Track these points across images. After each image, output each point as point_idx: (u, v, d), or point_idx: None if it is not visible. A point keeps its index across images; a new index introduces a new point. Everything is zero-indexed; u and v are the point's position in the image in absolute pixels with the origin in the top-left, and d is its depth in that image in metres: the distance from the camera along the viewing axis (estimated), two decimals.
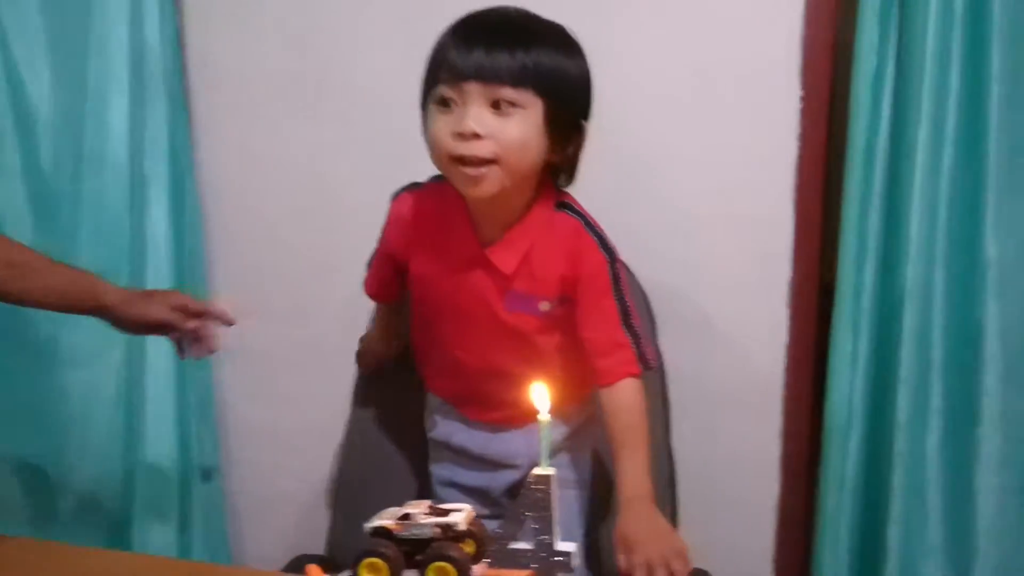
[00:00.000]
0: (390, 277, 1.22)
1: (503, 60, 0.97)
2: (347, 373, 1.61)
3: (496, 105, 0.98)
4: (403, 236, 1.16)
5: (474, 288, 1.10)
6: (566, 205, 1.11)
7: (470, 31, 1.00)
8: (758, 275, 1.44)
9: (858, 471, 1.40)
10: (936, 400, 1.34)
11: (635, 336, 1.11)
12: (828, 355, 1.39)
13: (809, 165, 1.41)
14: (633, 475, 1.05)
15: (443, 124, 1.00)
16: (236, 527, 1.73)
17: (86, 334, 1.59)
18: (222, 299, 1.47)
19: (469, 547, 0.72)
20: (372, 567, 0.69)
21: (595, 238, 1.10)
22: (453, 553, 0.68)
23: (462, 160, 0.99)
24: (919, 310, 1.31)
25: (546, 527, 0.67)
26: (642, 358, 1.11)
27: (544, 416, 0.68)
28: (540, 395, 0.70)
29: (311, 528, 1.67)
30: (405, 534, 0.71)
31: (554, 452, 1.15)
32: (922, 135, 1.27)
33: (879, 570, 1.38)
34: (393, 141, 1.49)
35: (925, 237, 1.30)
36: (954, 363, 1.34)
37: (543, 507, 0.67)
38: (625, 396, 1.09)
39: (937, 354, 1.33)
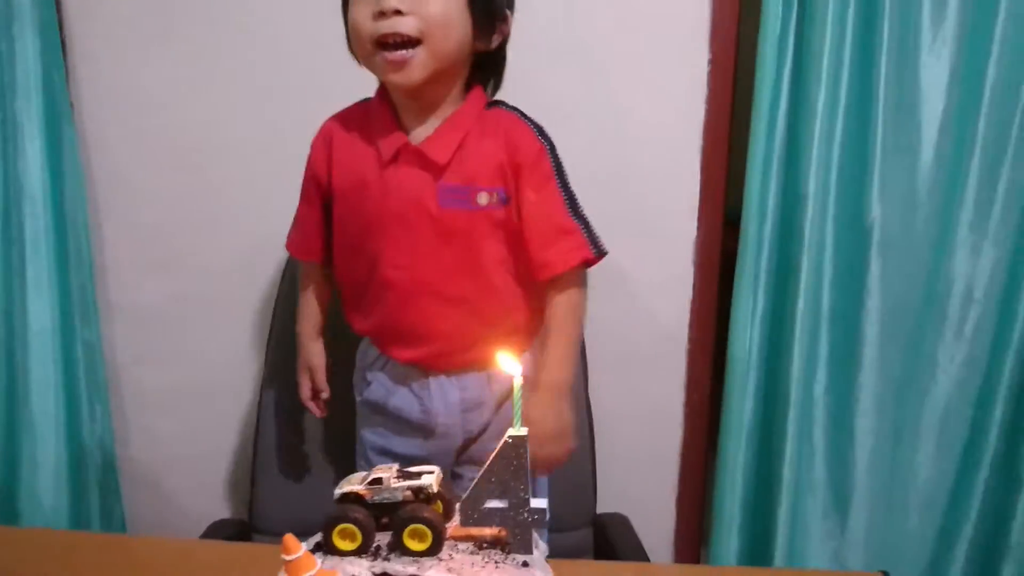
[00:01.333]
0: (316, 222, 1.16)
1: None
2: (243, 330, 1.57)
3: None
4: (323, 155, 1.12)
5: (404, 186, 1.05)
6: (500, 102, 1.11)
7: None
8: (666, 234, 1.50)
9: (754, 417, 1.51)
10: (824, 350, 1.46)
11: (584, 222, 1.08)
12: (730, 311, 1.48)
13: (714, 128, 1.47)
14: (555, 362, 1.05)
15: (363, 6, 0.98)
16: (132, 495, 1.65)
17: None
18: None
19: (437, 508, 0.73)
20: (344, 532, 0.69)
21: (532, 127, 1.08)
22: (427, 515, 0.69)
23: (385, 43, 0.97)
24: (813, 268, 1.41)
25: (521, 486, 0.68)
26: (595, 242, 1.07)
27: (518, 380, 0.69)
28: (507, 360, 0.70)
29: (213, 494, 1.64)
30: (376, 499, 0.70)
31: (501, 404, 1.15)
32: (820, 103, 1.36)
33: (771, 505, 1.49)
34: (284, 80, 1.46)
35: (819, 199, 1.40)
36: (840, 317, 1.45)
37: (518, 467, 0.68)
38: (569, 285, 1.07)
39: (826, 308, 1.45)
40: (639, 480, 1.55)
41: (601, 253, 1.08)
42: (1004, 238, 1.42)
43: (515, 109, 1.10)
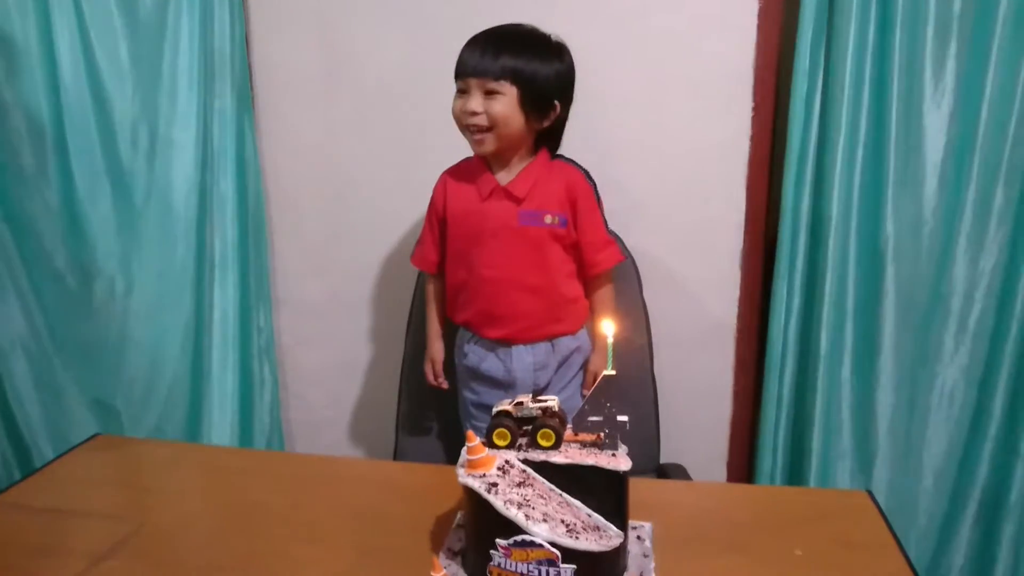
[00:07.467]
0: (433, 243, 1.58)
1: (488, 63, 1.41)
2: (381, 320, 1.98)
3: (488, 92, 1.42)
4: (441, 193, 1.57)
5: (497, 213, 1.49)
6: (561, 156, 1.58)
7: (473, 44, 1.44)
8: (719, 244, 1.85)
9: (790, 394, 1.83)
10: (848, 339, 1.77)
11: (614, 237, 1.59)
12: (769, 306, 1.81)
13: (757, 160, 1.81)
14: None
15: (460, 104, 1.46)
16: (290, 451, 2.07)
17: (156, 286, 1.91)
18: None
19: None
20: (500, 434, 1.06)
21: (583, 173, 1.56)
22: (553, 423, 1.06)
23: (470, 128, 1.45)
24: (837, 271, 1.73)
25: (613, 406, 1.05)
26: (623, 251, 1.58)
27: (610, 338, 1.05)
28: (607, 326, 1.07)
29: (352, 452, 2.06)
30: (520, 414, 1.08)
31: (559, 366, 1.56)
32: (841, 141, 1.68)
33: (804, 469, 1.80)
34: (410, 129, 1.88)
35: (842, 217, 1.71)
36: (862, 311, 1.76)
37: (610, 395, 1.05)
38: (609, 278, 1.57)
39: (850, 304, 1.75)
40: (695, 442, 1.88)
41: (625, 258, 1.60)
42: (997, 249, 1.70)
43: (571, 160, 1.58)
